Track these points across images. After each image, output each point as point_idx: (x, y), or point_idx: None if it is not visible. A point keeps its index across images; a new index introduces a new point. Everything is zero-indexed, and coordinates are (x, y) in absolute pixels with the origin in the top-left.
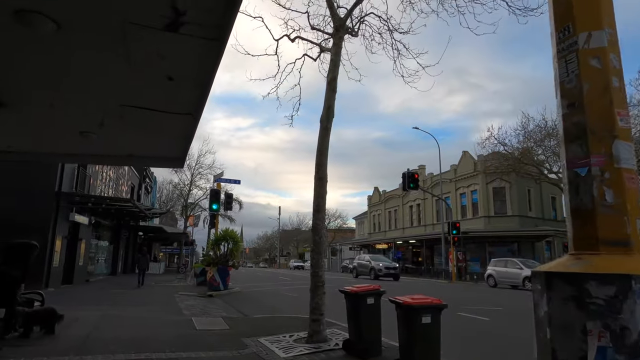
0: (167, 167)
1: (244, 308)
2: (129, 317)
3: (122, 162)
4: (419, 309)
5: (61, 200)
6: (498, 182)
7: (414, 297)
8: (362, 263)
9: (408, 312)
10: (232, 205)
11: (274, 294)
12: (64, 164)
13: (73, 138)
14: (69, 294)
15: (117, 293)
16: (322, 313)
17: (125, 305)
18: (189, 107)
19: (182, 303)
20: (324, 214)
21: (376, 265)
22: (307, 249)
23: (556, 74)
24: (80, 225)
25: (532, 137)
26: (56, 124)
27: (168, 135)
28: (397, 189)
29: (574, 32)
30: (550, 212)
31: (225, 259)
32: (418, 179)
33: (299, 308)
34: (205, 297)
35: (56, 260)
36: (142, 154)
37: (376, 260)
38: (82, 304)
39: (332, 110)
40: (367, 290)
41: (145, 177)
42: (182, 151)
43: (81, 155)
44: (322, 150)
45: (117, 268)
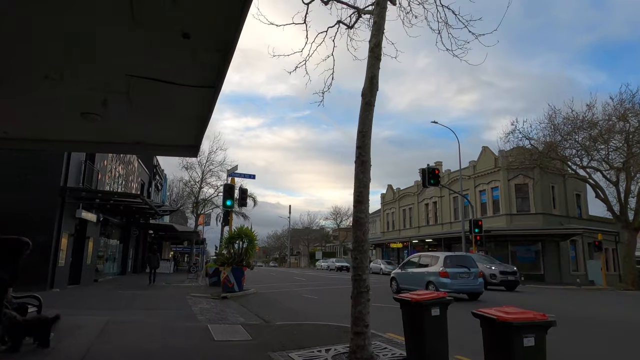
0: (179, 155)
1: (264, 312)
2: (138, 323)
3: (130, 151)
4: (520, 327)
5: (67, 196)
6: (521, 179)
7: (506, 311)
8: None
9: (504, 331)
10: (246, 201)
11: (293, 296)
12: (69, 157)
13: (74, 122)
14: (74, 296)
15: (126, 295)
16: (367, 324)
17: (134, 309)
18: (207, 76)
19: (196, 306)
20: (367, 206)
21: (486, 270)
22: (317, 248)
23: None
24: (87, 222)
25: (560, 131)
26: (53, 103)
27: (181, 116)
28: (412, 187)
29: None
30: (575, 210)
31: (239, 258)
32: (439, 174)
33: (324, 313)
34: (220, 299)
35: (62, 259)
36: (151, 142)
37: (481, 262)
38: (87, 307)
39: (376, 82)
40: (431, 298)
41: (155, 174)
42: (196, 137)
43: (84, 143)
44: (364, 130)
45: (127, 267)
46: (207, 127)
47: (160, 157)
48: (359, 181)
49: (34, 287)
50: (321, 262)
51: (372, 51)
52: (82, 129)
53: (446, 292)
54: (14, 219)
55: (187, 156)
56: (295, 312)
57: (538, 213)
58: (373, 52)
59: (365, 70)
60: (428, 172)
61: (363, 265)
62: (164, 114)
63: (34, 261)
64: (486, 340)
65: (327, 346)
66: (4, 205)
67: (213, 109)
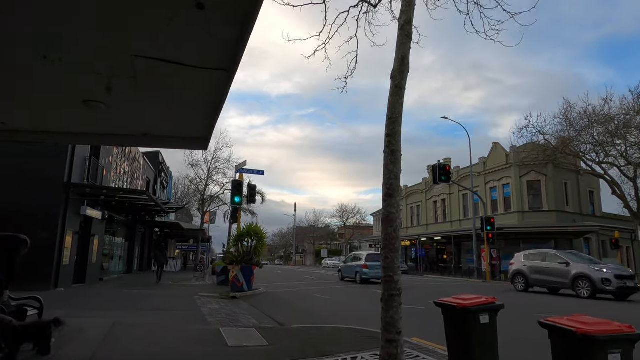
0: (189, 148)
1: (276, 314)
2: (145, 326)
3: (136, 143)
4: (605, 341)
5: (71, 192)
6: (533, 175)
7: (583, 321)
8: (545, 267)
9: (586, 346)
10: (255, 198)
11: (304, 295)
12: (73, 152)
13: (76, 111)
14: (79, 296)
15: (133, 294)
16: (400, 331)
17: (141, 310)
18: (221, 56)
19: (205, 307)
20: (397, 200)
21: (595, 273)
22: (322, 246)
23: None
24: (92, 220)
25: (575, 125)
26: (53, 90)
27: (191, 104)
28: (420, 184)
29: None
30: (588, 207)
31: (249, 257)
32: (450, 170)
33: (340, 314)
34: (229, 299)
35: (66, 257)
36: (159, 133)
37: (582, 261)
38: (92, 308)
39: (407, 62)
40: (480, 304)
41: (160, 172)
42: (207, 128)
43: (87, 135)
44: (393, 116)
45: (133, 266)
46: (225, 101)
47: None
48: (389, 172)
49: (38, 286)
50: (327, 260)
51: (403, 29)
52: (84, 119)
53: (482, 296)
54: (16, 216)
55: (197, 149)
56: (309, 313)
57: (551, 210)
58: (403, 29)
59: (395, 50)
60: (439, 169)
61: (394, 265)
62: (172, 101)
63: (37, 260)
64: (560, 352)
65: (352, 353)
66: (5, 201)
67: (226, 97)
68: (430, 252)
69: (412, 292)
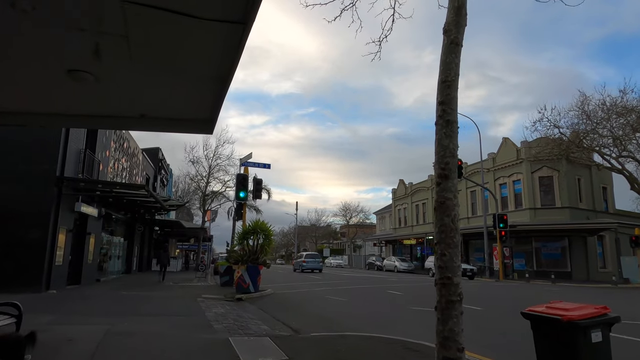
0: (192, 132)
1: (289, 318)
2: (143, 335)
3: (133, 126)
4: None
5: (64, 187)
6: (545, 171)
7: (564, 307)
8: None
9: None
10: (261, 193)
11: (315, 297)
12: (66, 144)
13: (62, 85)
14: (72, 299)
15: (131, 296)
16: (462, 347)
17: (138, 315)
18: (235, 2)
19: (209, 311)
20: (455, 182)
21: None
22: (324, 245)
23: None
24: (88, 217)
25: (592, 118)
26: (31, 53)
27: (195, 72)
28: (426, 181)
29: None
30: (602, 204)
31: (255, 255)
32: (462, 166)
33: (361, 319)
34: (234, 302)
35: (59, 257)
36: (158, 114)
37: None
38: (84, 312)
39: (464, 13)
40: (590, 315)
41: (160, 169)
42: (213, 107)
43: (78, 117)
44: (449, 78)
45: (132, 265)
46: (236, 69)
47: (166, 152)
48: (443, 148)
49: (27, 288)
50: (331, 259)
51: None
52: (72, 96)
53: (594, 306)
54: (3, 213)
55: (202, 132)
56: (325, 317)
57: (564, 207)
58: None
59: None
60: None
61: (453, 264)
62: (172, 71)
63: (27, 260)
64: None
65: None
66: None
67: (237, 63)
68: None
69: (428, 291)
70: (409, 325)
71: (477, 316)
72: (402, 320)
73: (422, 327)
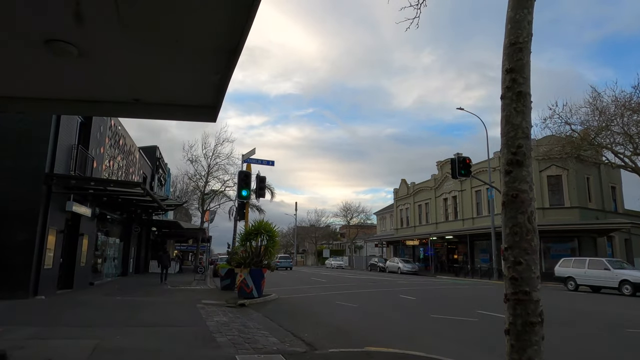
0: (192, 119)
1: (299, 328)
2: (137, 352)
3: (126, 112)
4: None
5: (53, 185)
6: (554, 170)
7: None
8: None
9: None
10: (264, 191)
11: (323, 302)
12: (56, 139)
13: (41, 60)
14: (60, 306)
15: (126, 302)
16: None
17: (132, 326)
18: None
19: (211, 319)
20: (530, 170)
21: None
22: (324, 246)
23: None
24: (81, 217)
25: (605, 115)
26: None
27: (198, 41)
28: (429, 181)
29: None
30: (611, 204)
31: (259, 258)
32: (470, 164)
33: (378, 328)
34: (237, 308)
35: (49, 260)
36: (154, 99)
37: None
38: (72, 322)
39: None
40: None
41: (158, 168)
42: (216, 91)
43: (62, 102)
44: (519, 40)
45: (129, 268)
46: (246, 40)
47: (164, 150)
48: (514, 128)
49: (13, 294)
50: (331, 260)
51: None
52: (54, 75)
53: None
54: None
55: (203, 120)
56: (341, 328)
57: (573, 207)
58: None
59: None
60: (458, 162)
61: (531, 274)
62: (170, 40)
63: (13, 263)
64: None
65: None
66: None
67: (248, 32)
68: (440, 251)
69: (444, 295)
70: (439, 338)
71: None
72: (427, 331)
73: (455, 342)
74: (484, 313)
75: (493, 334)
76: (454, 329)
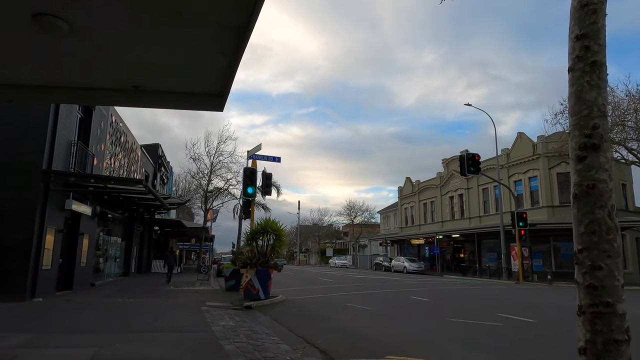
0: (197, 108)
1: (312, 334)
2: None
3: (125, 101)
4: None
5: (51, 182)
6: (564, 167)
7: None
8: None
9: None
10: (271, 189)
11: (335, 305)
12: (54, 134)
13: (28, 37)
14: (58, 309)
15: (127, 305)
16: None
17: (133, 332)
18: None
19: (217, 324)
20: (608, 156)
21: None
22: (327, 245)
23: None
24: (81, 216)
25: (619, 109)
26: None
27: (204, 18)
28: (434, 179)
29: None
30: (621, 201)
31: (265, 258)
32: (479, 161)
33: (401, 335)
34: (243, 310)
35: (47, 260)
36: (156, 86)
37: None
38: (69, 329)
39: None
40: None
41: (160, 166)
42: (223, 76)
43: (54, 89)
44: (593, 1)
45: (131, 267)
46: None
47: (166, 149)
48: (587, 105)
49: (9, 297)
50: (335, 259)
51: None
52: (44, 56)
53: None
54: None
55: (209, 109)
56: (357, 334)
57: None
58: None
59: None
60: (467, 159)
61: (614, 282)
62: (173, 16)
63: (9, 264)
64: None
65: None
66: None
67: (257, 15)
68: (446, 250)
69: (458, 296)
70: (466, 347)
71: None
72: (450, 338)
73: (484, 352)
74: (506, 316)
75: (525, 342)
76: (479, 334)
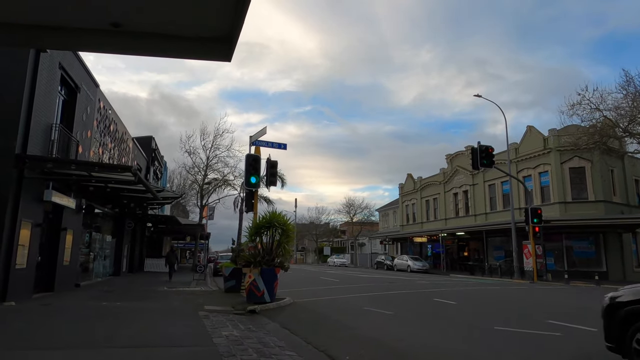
0: (201, 57)
1: (333, 345)
2: None
3: (102, 45)
4: None
5: (26, 169)
6: (576, 161)
7: None
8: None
9: None
10: (276, 178)
11: (349, 308)
12: (29, 115)
13: None
14: (31, 315)
15: (113, 309)
16: None
17: (116, 347)
18: None
19: (218, 333)
20: None
21: None
22: (324, 243)
23: None
24: (64, 209)
25: (638, 100)
26: None
27: None
28: (437, 175)
29: None
30: (634, 198)
31: (271, 256)
32: (493, 153)
33: (432, 346)
34: (247, 316)
35: (21, 258)
36: (141, 22)
37: None
38: (37, 343)
39: None
40: None
41: (154, 159)
42: (233, 7)
43: (8, 27)
44: None
45: (121, 266)
46: None
47: (160, 143)
48: None
49: None
50: (334, 258)
51: None
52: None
53: None
54: None
55: (213, 58)
56: (386, 346)
57: (598, 201)
58: None
59: None
60: (480, 152)
61: None
62: None
63: None
64: None
65: None
66: None
67: None
68: (450, 248)
69: (485, 299)
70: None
71: None
72: (506, 355)
73: None
74: (558, 324)
75: None
76: (544, 350)
